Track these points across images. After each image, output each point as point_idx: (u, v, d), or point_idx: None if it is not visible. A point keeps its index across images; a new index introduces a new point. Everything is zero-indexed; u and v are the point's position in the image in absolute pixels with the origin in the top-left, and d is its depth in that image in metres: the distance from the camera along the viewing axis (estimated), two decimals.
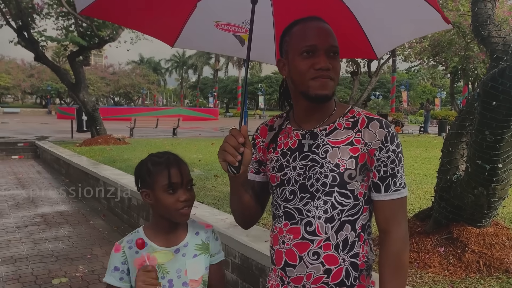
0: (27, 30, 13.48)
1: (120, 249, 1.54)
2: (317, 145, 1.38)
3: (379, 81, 43.97)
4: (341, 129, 1.37)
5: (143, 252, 1.48)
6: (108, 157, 10.33)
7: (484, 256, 3.48)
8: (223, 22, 1.92)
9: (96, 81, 46.88)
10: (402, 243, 1.34)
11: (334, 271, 1.34)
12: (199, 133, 21.81)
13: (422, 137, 19.99)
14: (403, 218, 1.36)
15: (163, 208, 1.51)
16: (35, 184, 9.46)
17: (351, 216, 1.35)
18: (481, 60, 16.93)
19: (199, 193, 6.09)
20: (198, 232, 1.62)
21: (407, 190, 1.38)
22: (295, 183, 1.39)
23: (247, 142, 1.36)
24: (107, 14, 1.96)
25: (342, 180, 1.33)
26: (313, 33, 1.35)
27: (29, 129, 22.57)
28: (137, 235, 1.55)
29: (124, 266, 1.52)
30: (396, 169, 1.34)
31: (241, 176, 1.38)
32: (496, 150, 3.21)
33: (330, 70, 1.34)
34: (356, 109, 1.42)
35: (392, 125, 1.38)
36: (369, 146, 1.34)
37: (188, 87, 77.63)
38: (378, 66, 20.77)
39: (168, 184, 1.48)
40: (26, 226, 6.15)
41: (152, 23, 1.94)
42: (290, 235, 1.38)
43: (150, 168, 1.53)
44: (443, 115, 33.02)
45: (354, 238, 1.36)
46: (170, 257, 1.53)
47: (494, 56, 3.64)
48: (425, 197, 5.94)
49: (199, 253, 1.59)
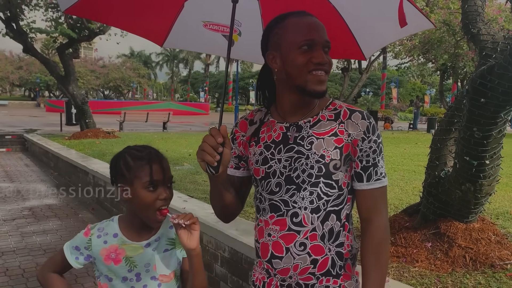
0: (16, 21, 13.28)
1: (88, 235, 1.52)
2: (302, 137, 1.40)
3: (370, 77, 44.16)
4: (324, 121, 1.40)
5: (114, 242, 1.48)
6: (97, 150, 10.26)
7: (471, 251, 3.53)
8: (211, 22, 1.92)
9: (86, 74, 46.36)
10: (384, 232, 1.37)
11: (321, 261, 1.36)
12: (190, 128, 21.75)
13: (411, 134, 20.14)
14: (384, 207, 1.39)
15: (140, 206, 1.45)
16: (23, 177, 9.37)
17: (336, 206, 1.38)
18: (471, 58, 17.08)
19: (189, 187, 6.08)
20: (171, 226, 1.54)
21: (387, 179, 1.42)
22: (280, 175, 1.40)
23: (226, 142, 1.36)
24: (93, 13, 1.92)
25: (328, 170, 1.36)
26: (311, 28, 1.37)
27: (18, 121, 22.31)
28: (111, 224, 1.54)
29: (86, 251, 1.51)
30: (377, 159, 1.38)
31: (220, 175, 1.38)
32: (484, 146, 3.25)
33: (326, 64, 1.37)
34: (337, 102, 1.45)
35: (371, 117, 1.42)
36: (353, 137, 1.37)
37: (178, 81, 77.21)
38: (369, 63, 20.88)
39: (150, 181, 1.43)
40: (13, 219, 6.09)
41: (140, 22, 1.92)
42: (276, 227, 1.39)
43: (130, 162, 1.45)
44: (432, 112, 33.30)
45: (339, 228, 1.39)
46: (139, 251, 1.50)
47: (483, 54, 3.68)
48: (413, 192, 6.00)
49: (171, 248, 1.55)
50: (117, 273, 1.50)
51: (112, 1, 1.79)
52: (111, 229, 1.53)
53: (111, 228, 1.53)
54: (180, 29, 1.93)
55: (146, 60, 69.85)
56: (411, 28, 1.73)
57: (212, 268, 3.83)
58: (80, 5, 1.71)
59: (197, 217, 1.44)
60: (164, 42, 2.00)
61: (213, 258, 3.83)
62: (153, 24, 1.93)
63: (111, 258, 1.49)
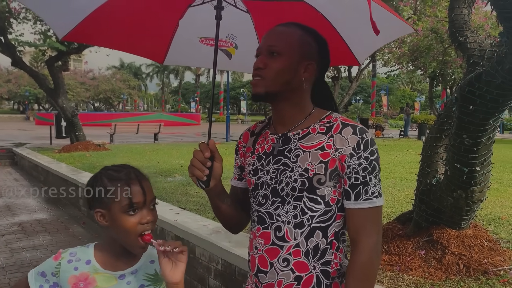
0: (4, 34, 13.21)
1: (58, 259, 1.35)
2: (289, 149, 1.37)
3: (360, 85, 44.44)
4: (314, 134, 1.36)
5: (84, 269, 1.33)
6: (88, 163, 10.17)
7: (464, 258, 3.54)
8: (206, 37, 1.96)
9: (76, 86, 46.14)
10: (370, 255, 1.28)
11: (305, 278, 1.31)
12: (181, 139, 21.68)
13: (402, 141, 20.27)
14: (374, 230, 1.30)
15: (120, 232, 1.30)
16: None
17: (322, 222, 1.32)
18: (459, 65, 17.28)
19: (181, 199, 6.04)
20: (153, 261, 1.40)
21: (383, 200, 1.33)
22: (267, 187, 1.38)
23: (216, 156, 1.40)
24: (90, 38, 1.99)
25: (311, 185, 1.31)
26: (265, 36, 1.41)
27: (6, 135, 22.07)
28: (85, 250, 1.38)
29: (53, 277, 1.34)
30: (369, 177, 1.30)
31: (213, 189, 1.41)
32: (474, 153, 3.27)
33: (261, 69, 1.35)
34: (335, 115, 1.39)
35: (368, 132, 1.34)
36: (340, 152, 1.30)
37: (169, 92, 77.13)
38: (359, 71, 21.04)
39: (129, 204, 1.28)
40: (2, 235, 5.99)
41: (138, 43, 1.98)
42: (261, 240, 1.37)
43: (107, 184, 1.32)
44: (422, 119, 33.56)
45: (325, 245, 1.33)
46: (112, 282, 1.34)
47: (471, 61, 3.72)
48: (405, 200, 6.01)
49: (148, 284, 1.38)
50: None
51: (108, 25, 1.83)
52: (85, 255, 1.37)
53: (85, 254, 1.37)
54: (178, 46, 1.98)
55: (136, 72, 69.74)
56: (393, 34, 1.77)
57: (205, 281, 3.79)
58: (76, 31, 1.76)
59: (186, 247, 1.29)
60: (165, 60, 2.05)
61: (206, 271, 3.79)
62: (151, 44, 1.98)
63: (79, 287, 1.33)
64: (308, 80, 1.40)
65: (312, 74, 1.40)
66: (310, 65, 1.38)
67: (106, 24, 1.81)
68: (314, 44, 1.40)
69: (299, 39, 1.37)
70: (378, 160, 1.34)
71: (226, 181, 1.55)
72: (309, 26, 1.44)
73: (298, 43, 1.37)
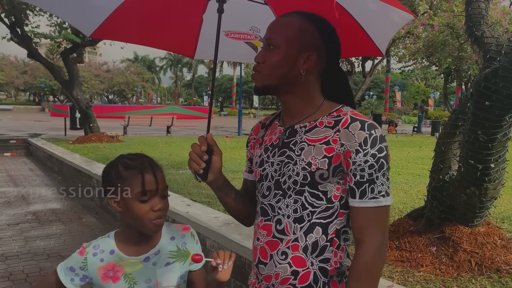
0: (20, 26, 13.37)
1: (83, 254, 1.41)
2: (294, 142, 1.34)
3: (373, 81, 44.11)
4: (321, 127, 1.31)
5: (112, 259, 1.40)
6: (101, 155, 10.28)
7: (476, 255, 3.50)
8: (231, 31, 1.97)
9: (90, 78, 46.55)
10: (373, 255, 1.23)
11: (302, 273, 1.29)
12: (193, 132, 21.75)
13: (415, 137, 20.08)
14: (378, 230, 1.24)
15: (133, 218, 1.36)
16: (27, 181, 9.40)
17: (323, 219, 1.29)
18: (475, 60, 17.03)
19: (193, 192, 6.07)
20: (173, 237, 1.48)
21: (390, 199, 1.27)
22: (271, 179, 1.37)
23: (215, 149, 1.41)
24: (118, 35, 2.00)
25: (313, 179, 1.27)
26: (266, 29, 1.38)
27: (22, 126, 22.40)
28: (107, 241, 1.44)
29: (81, 271, 1.40)
30: (376, 175, 1.23)
31: (214, 182, 1.43)
32: (489, 150, 3.23)
33: (259, 63, 1.35)
34: (345, 109, 1.33)
35: (378, 128, 1.26)
36: (346, 148, 1.25)
37: (182, 85, 77.43)
38: (372, 66, 20.87)
39: (142, 192, 1.33)
40: (17, 223, 6.09)
41: (167, 39, 2.00)
42: (263, 231, 1.37)
43: (122, 172, 1.36)
44: (436, 116, 33.19)
45: (325, 242, 1.29)
46: (138, 266, 1.41)
47: (487, 56, 3.66)
48: (417, 196, 5.96)
49: (173, 261, 1.46)
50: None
51: (134, 21, 1.84)
52: (107, 246, 1.42)
53: (107, 245, 1.43)
54: (205, 41, 1.99)
55: (150, 65, 70.12)
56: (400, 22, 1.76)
57: None
58: (103, 28, 1.78)
59: (234, 254, 1.37)
60: (195, 54, 2.07)
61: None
62: (179, 39, 2.01)
63: (109, 276, 1.39)
64: (310, 72, 1.34)
65: (313, 65, 1.33)
66: (311, 56, 1.32)
67: (132, 20, 1.82)
68: (315, 32, 1.33)
69: (298, 29, 1.31)
70: (387, 158, 1.26)
71: (238, 174, 1.56)
72: (314, 13, 1.37)
73: (296, 34, 1.31)
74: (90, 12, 1.74)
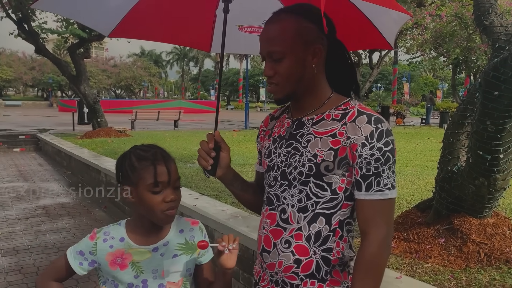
0: (27, 22, 13.43)
1: (94, 239, 1.43)
2: (301, 134, 1.37)
3: (381, 73, 43.82)
4: (328, 120, 1.33)
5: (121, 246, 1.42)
6: (109, 149, 10.34)
7: (485, 246, 3.48)
8: (245, 25, 2.00)
9: (97, 73, 46.77)
10: (378, 247, 1.25)
11: (304, 262, 1.32)
12: (200, 126, 21.81)
13: (423, 129, 19.96)
14: (384, 222, 1.27)
15: (145, 208, 1.38)
16: (37, 176, 9.49)
17: (326, 209, 1.31)
18: (483, 51, 16.83)
19: (200, 185, 6.10)
20: (182, 230, 1.50)
21: (395, 192, 1.29)
22: (277, 170, 1.40)
23: (223, 146, 1.48)
24: (135, 33, 2.03)
25: (318, 171, 1.29)
26: (260, 39, 1.38)
27: (31, 121, 22.58)
28: (118, 228, 1.46)
29: (90, 256, 1.42)
30: (382, 169, 1.26)
31: (223, 177, 1.50)
32: (498, 140, 3.20)
33: (272, 77, 1.34)
34: (352, 102, 1.35)
35: (384, 122, 1.28)
36: (352, 141, 1.27)
37: (189, 79, 77.54)
38: (380, 58, 20.70)
39: (154, 183, 1.35)
40: (27, 218, 6.17)
41: (183, 34, 2.04)
42: (268, 220, 1.40)
43: (134, 162, 1.38)
44: (444, 107, 32.94)
45: (328, 232, 1.31)
46: (146, 255, 1.43)
47: (496, 46, 3.62)
48: (426, 188, 5.94)
49: (180, 253, 1.47)
50: (122, 279, 1.42)
51: (150, 19, 1.88)
52: (118, 233, 1.44)
53: (118, 232, 1.45)
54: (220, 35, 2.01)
55: (156, 59, 70.25)
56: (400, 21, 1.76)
57: None
58: (121, 27, 1.82)
59: (238, 237, 1.41)
60: (211, 48, 2.11)
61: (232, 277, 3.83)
62: (195, 34, 2.05)
63: (117, 263, 1.41)
64: (320, 63, 1.36)
65: (321, 56, 1.35)
66: (317, 49, 1.33)
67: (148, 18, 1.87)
68: (311, 24, 1.32)
69: (295, 30, 1.30)
70: (393, 152, 1.28)
71: (245, 167, 1.58)
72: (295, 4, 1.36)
73: (296, 35, 1.30)
74: (108, 13, 1.78)
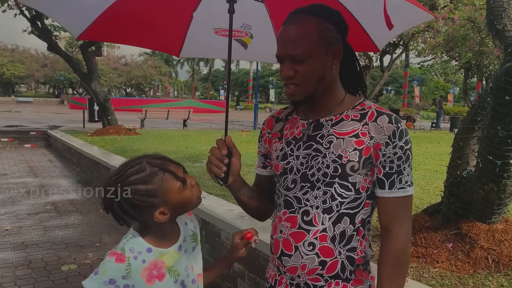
0: (40, 20, 13.58)
1: (125, 260, 1.27)
2: (321, 135, 1.36)
3: (392, 76, 43.58)
4: (348, 121, 1.34)
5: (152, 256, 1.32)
6: (119, 147, 10.41)
7: (493, 252, 3.45)
8: (221, 28, 1.95)
9: (108, 71, 47.07)
10: (403, 243, 1.31)
11: (329, 263, 1.32)
12: (210, 125, 21.85)
13: (433, 133, 19.82)
14: (406, 217, 1.32)
15: (185, 206, 1.38)
16: (47, 172, 9.58)
17: (350, 209, 1.32)
18: (496, 55, 16.67)
19: (208, 184, 6.11)
20: (186, 223, 1.50)
21: (413, 189, 1.34)
22: (297, 172, 1.38)
23: (234, 152, 1.41)
24: (105, 36, 2.00)
25: (344, 171, 1.30)
26: (279, 42, 1.34)
27: (42, 118, 22.80)
28: (138, 241, 1.33)
29: (123, 281, 1.26)
30: (403, 166, 1.30)
31: (232, 184, 1.44)
32: (508, 145, 3.17)
33: (292, 77, 1.32)
34: (367, 103, 1.38)
35: (402, 121, 1.33)
36: (376, 140, 1.30)
37: (199, 79, 77.72)
38: (391, 61, 20.57)
39: (182, 182, 1.33)
40: (37, 213, 6.23)
41: (153, 38, 1.99)
42: (287, 223, 1.37)
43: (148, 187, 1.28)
44: (455, 111, 32.67)
45: (352, 232, 1.33)
46: (176, 257, 1.39)
47: (509, 50, 3.58)
48: (434, 192, 5.90)
49: (195, 244, 1.49)
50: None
51: (122, 22, 1.83)
52: (141, 246, 1.33)
53: (140, 245, 1.33)
54: (192, 38, 1.98)
55: (167, 58, 70.42)
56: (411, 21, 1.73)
57: None
58: (91, 30, 1.77)
59: None
60: (180, 52, 2.05)
61: None
62: (166, 38, 1.99)
63: (153, 276, 1.32)
64: (337, 64, 1.37)
65: (340, 56, 1.36)
66: (337, 50, 1.34)
67: (120, 20, 1.81)
68: (330, 25, 1.32)
69: (317, 31, 1.30)
70: (411, 150, 1.34)
71: (253, 168, 1.57)
72: (313, 4, 1.35)
73: (318, 36, 1.30)
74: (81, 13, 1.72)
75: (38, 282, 3.98)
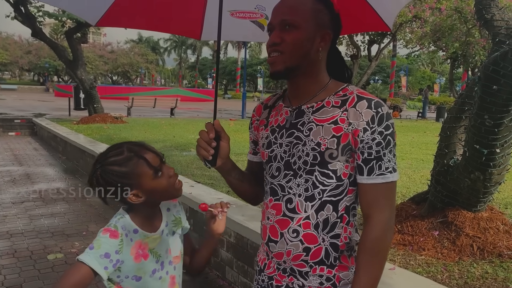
0: (24, 4, 13.26)
1: (118, 236, 1.36)
2: (302, 123, 1.35)
3: (379, 65, 43.75)
4: (328, 107, 1.32)
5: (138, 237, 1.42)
6: (105, 135, 10.30)
7: (478, 240, 3.51)
8: (236, 10, 1.95)
9: (94, 59, 46.35)
10: (382, 230, 1.27)
11: (313, 249, 1.33)
12: (197, 114, 21.75)
13: (420, 123, 19.99)
14: (387, 204, 1.28)
15: (159, 195, 1.44)
16: (32, 161, 9.44)
17: (333, 196, 1.32)
18: (482, 46, 16.82)
19: (196, 173, 6.09)
20: (168, 209, 1.57)
21: (397, 175, 1.30)
22: (281, 160, 1.38)
23: (222, 135, 1.43)
24: (123, 22, 1.99)
25: (323, 159, 1.29)
26: (274, 10, 1.35)
27: (27, 106, 22.43)
28: (127, 221, 1.42)
29: (116, 255, 1.34)
30: (383, 152, 1.27)
31: (222, 167, 1.46)
32: (495, 134, 3.20)
33: (278, 44, 1.31)
34: (351, 88, 1.35)
35: (384, 106, 1.29)
36: (354, 126, 1.27)
37: (186, 67, 77.09)
38: (378, 50, 20.65)
39: (155, 170, 1.39)
40: (22, 202, 6.15)
41: (172, 22, 1.99)
42: (273, 211, 1.39)
43: (122, 169, 1.36)
44: (441, 101, 32.98)
45: (335, 219, 1.32)
46: (157, 240, 1.48)
47: (497, 40, 3.61)
48: (421, 181, 5.96)
49: (176, 229, 1.57)
50: (148, 269, 1.45)
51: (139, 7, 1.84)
52: (130, 225, 1.43)
53: (129, 224, 1.43)
54: (210, 21, 1.98)
55: (154, 46, 69.73)
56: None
57: (217, 253, 3.85)
58: (108, 16, 1.78)
59: (228, 202, 1.53)
60: (201, 36, 2.06)
61: (218, 243, 3.84)
62: (184, 22, 2.00)
63: (140, 254, 1.43)
64: (324, 50, 1.36)
65: (328, 43, 1.36)
66: (327, 35, 1.34)
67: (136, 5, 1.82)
68: (326, 11, 1.34)
69: (312, 8, 1.31)
70: (394, 135, 1.29)
71: (241, 156, 1.57)
72: None
73: (312, 12, 1.31)
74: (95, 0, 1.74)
75: (24, 271, 3.93)
